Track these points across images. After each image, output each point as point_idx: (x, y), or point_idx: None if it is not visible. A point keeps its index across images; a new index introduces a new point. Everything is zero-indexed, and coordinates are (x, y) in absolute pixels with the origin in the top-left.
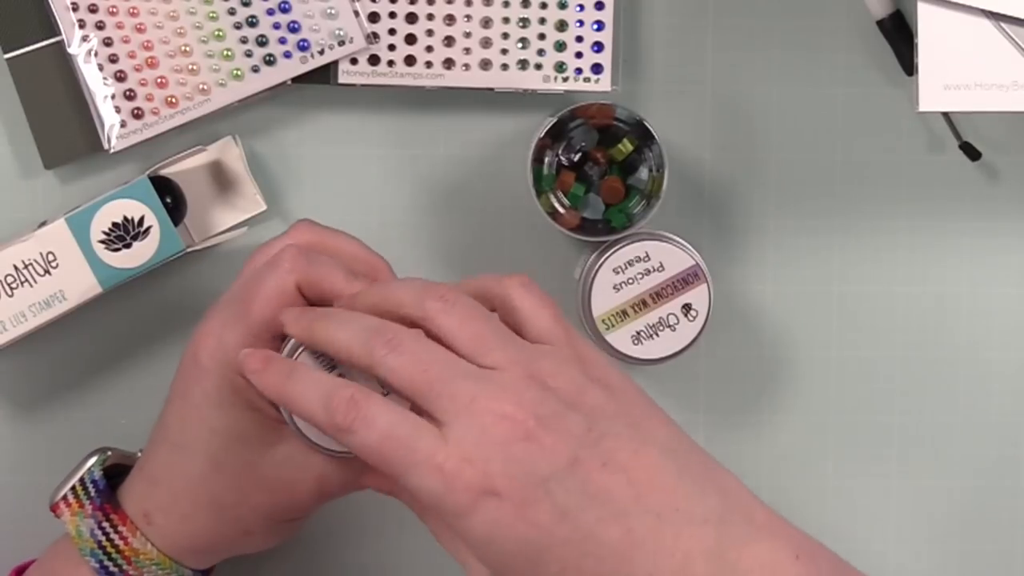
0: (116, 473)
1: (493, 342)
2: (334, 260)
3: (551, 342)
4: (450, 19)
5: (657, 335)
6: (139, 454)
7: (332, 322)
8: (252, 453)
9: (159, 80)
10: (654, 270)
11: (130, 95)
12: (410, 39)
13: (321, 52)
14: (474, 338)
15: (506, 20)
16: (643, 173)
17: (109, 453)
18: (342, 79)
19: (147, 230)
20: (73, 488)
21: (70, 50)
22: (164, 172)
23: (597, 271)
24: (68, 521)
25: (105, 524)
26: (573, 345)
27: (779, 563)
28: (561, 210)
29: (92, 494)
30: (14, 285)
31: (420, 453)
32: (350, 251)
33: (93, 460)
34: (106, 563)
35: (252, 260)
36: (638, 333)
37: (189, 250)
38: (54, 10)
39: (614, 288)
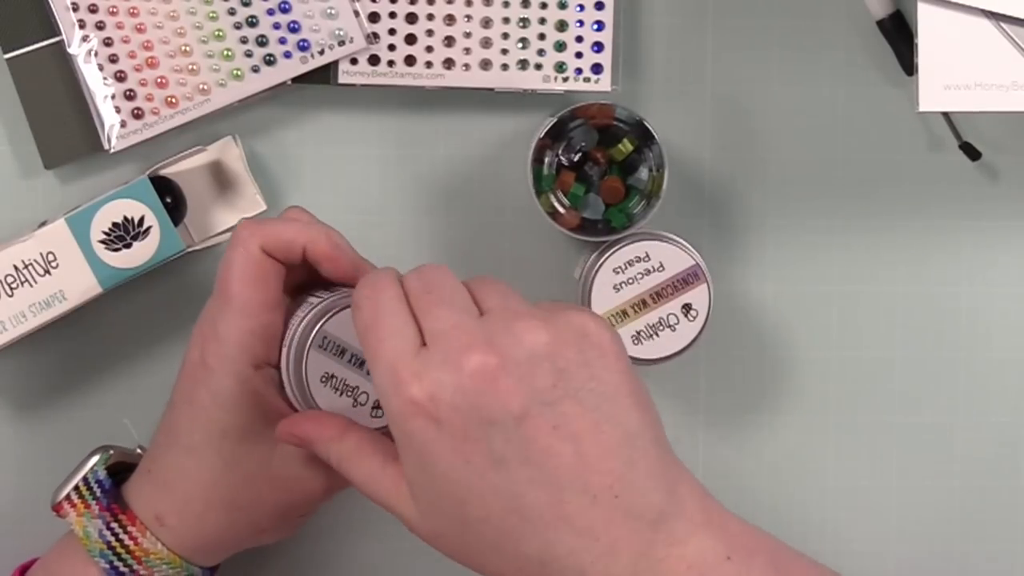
0: (117, 471)
1: (489, 294)
2: (281, 218)
3: (558, 302)
4: (450, 19)
5: (657, 335)
6: (139, 451)
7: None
8: (263, 452)
9: (159, 80)
10: (654, 270)
11: (130, 95)
12: (410, 39)
13: (321, 52)
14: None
15: (506, 20)
16: (643, 173)
17: (111, 452)
18: (342, 79)
19: (147, 230)
20: (77, 488)
21: (70, 50)
22: (164, 172)
23: (597, 271)
24: (74, 522)
25: (114, 525)
26: (578, 307)
27: (707, 563)
28: (561, 210)
29: (98, 494)
30: (14, 285)
31: (387, 351)
32: (299, 216)
33: (95, 459)
34: (116, 564)
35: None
36: (638, 333)
37: (189, 250)
38: (54, 10)
39: (614, 288)
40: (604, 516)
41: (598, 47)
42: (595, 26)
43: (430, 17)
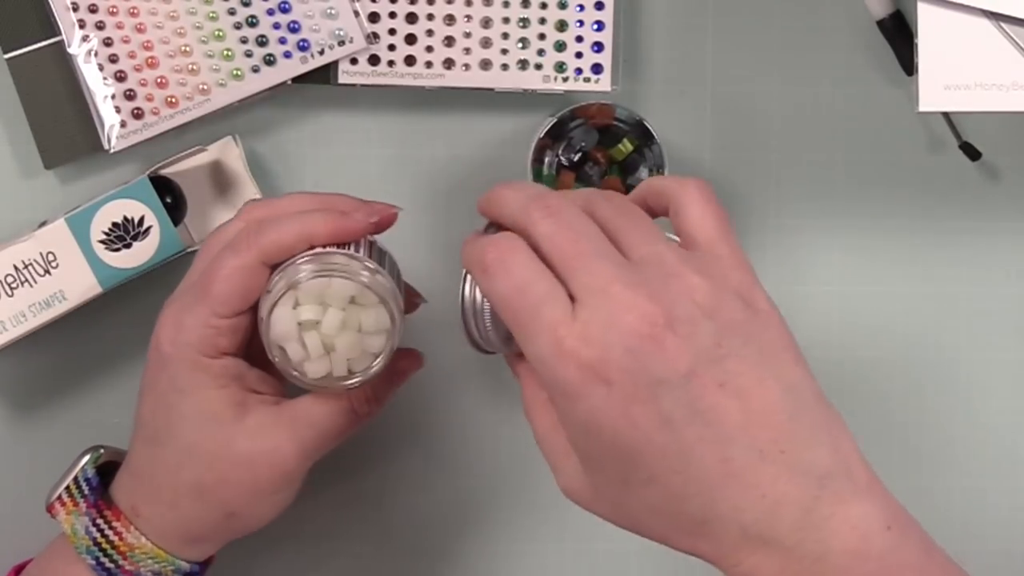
0: (110, 471)
1: (630, 232)
2: (283, 217)
3: (710, 252)
4: (450, 19)
5: None
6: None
7: (506, 187)
8: (224, 431)
9: (159, 80)
10: None
11: (130, 95)
12: (410, 39)
13: (321, 52)
14: (574, 250)
15: (506, 20)
16: (643, 173)
17: (102, 451)
18: (342, 79)
19: (147, 230)
20: (67, 488)
21: (70, 50)
22: (164, 172)
23: None
24: (63, 520)
25: (100, 521)
26: (732, 259)
27: (870, 530)
28: None
29: (85, 492)
30: (14, 285)
31: (544, 319)
32: (302, 207)
33: (86, 459)
34: (102, 559)
35: (207, 247)
36: None
37: (189, 250)
38: (54, 10)
39: None
40: (771, 472)
41: (598, 47)
42: (595, 26)
43: (430, 17)
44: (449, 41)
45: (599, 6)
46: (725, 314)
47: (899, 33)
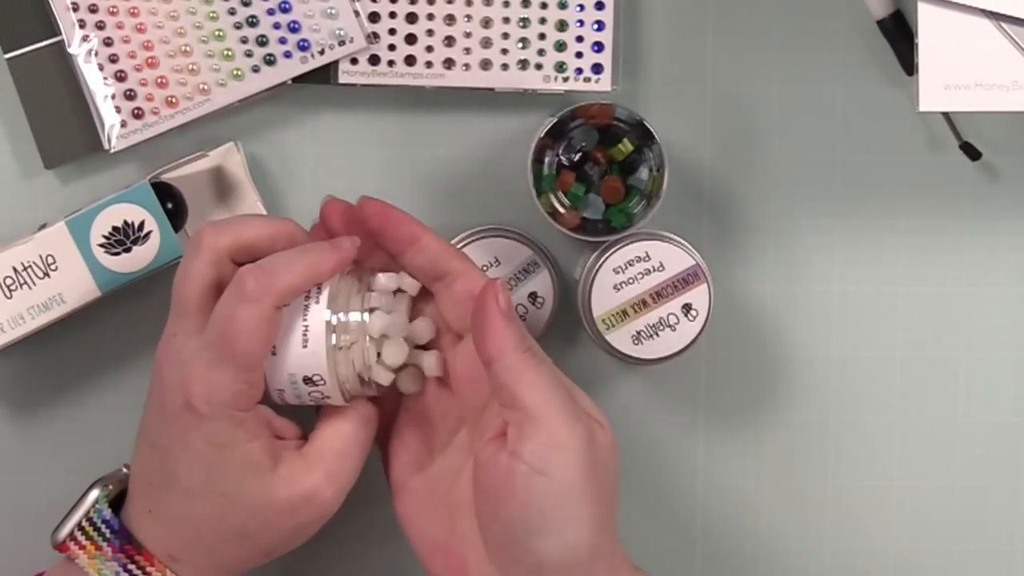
0: (118, 499)
1: None
2: (286, 258)
3: None
4: (450, 19)
5: (657, 335)
6: (124, 470)
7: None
8: (263, 481)
9: (159, 80)
10: (654, 270)
11: (130, 95)
12: (410, 39)
13: (321, 52)
14: None
15: (506, 20)
16: (643, 173)
17: (110, 486)
18: (342, 79)
19: (147, 235)
20: (82, 527)
21: (70, 50)
22: (166, 177)
23: (597, 271)
24: (87, 565)
25: (132, 567)
26: None
27: None
28: (561, 210)
29: (108, 535)
30: (13, 287)
31: None
32: (262, 229)
33: (95, 495)
34: None
35: (184, 276)
36: (638, 333)
37: None
38: (54, 10)
39: (614, 288)
40: None
41: (598, 47)
42: (595, 26)
43: (430, 17)
44: (449, 41)
45: (599, 6)
46: None
47: (899, 33)
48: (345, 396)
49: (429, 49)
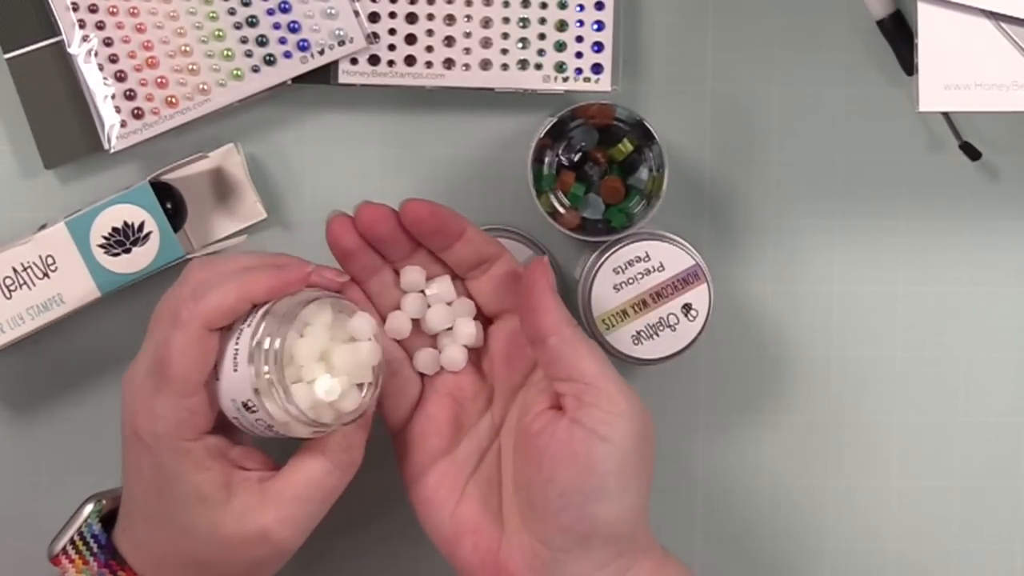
0: (112, 517)
1: None
2: (221, 279)
3: None
4: (450, 19)
5: (657, 335)
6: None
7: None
8: (214, 514)
9: (159, 80)
10: (654, 270)
11: (130, 95)
12: (410, 39)
13: (321, 52)
14: None
15: (506, 20)
16: (643, 173)
17: (103, 502)
18: (342, 79)
19: (147, 236)
20: (73, 542)
21: (70, 50)
22: (166, 178)
23: (597, 271)
24: None
25: None
26: None
27: None
28: (561, 210)
29: (95, 550)
30: (12, 287)
31: None
32: (246, 265)
33: (88, 510)
34: None
35: (157, 314)
36: (638, 333)
37: (189, 257)
38: (54, 10)
39: (614, 288)
40: None
41: (598, 47)
42: (595, 26)
43: (430, 17)
44: (449, 41)
45: (599, 6)
46: None
47: (899, 33)
48: (309, 426)
49: (429, 49)
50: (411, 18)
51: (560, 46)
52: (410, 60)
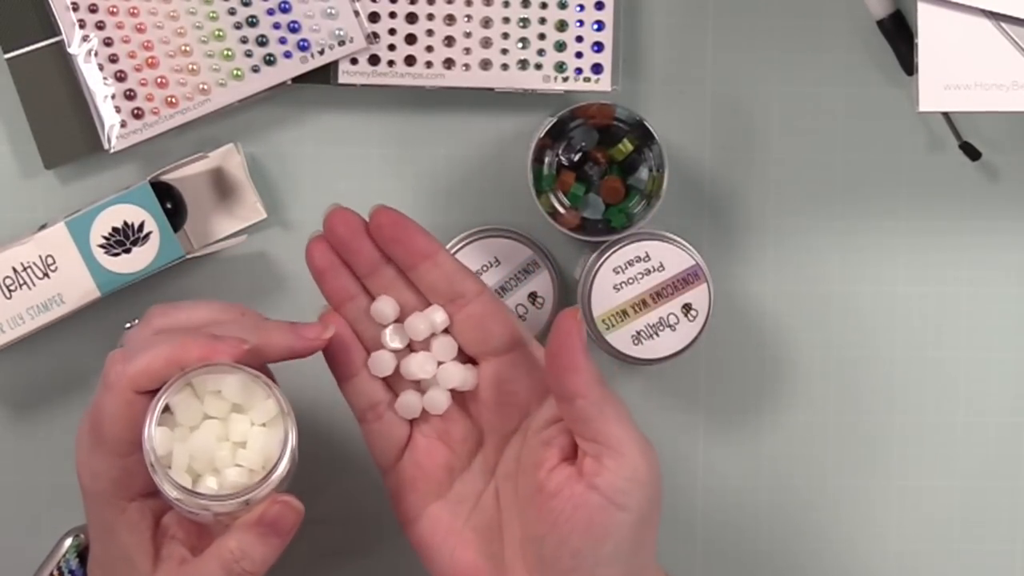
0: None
1: None
2: (159, 341)
3: None
4: (450, 19)
5: (657, 335)
6: None
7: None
8: (162, 572)
9: (159, 80)
10: (654, 270)
11: (130, 95)
12: (410, 39)
13: (321, 52)
14: None
15: (506, 20)
16: (643, 173)
17: (82, 536)
18: (342, 79)
19: (147, 236)
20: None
21: (70, 50)
22: (166, 178)
23: (597, 271)
24: None
25: None
26: None
27: None
28: (561, 210)
29: None
30: (12, 287)
31: None
32: (204, 315)
33: (67, 545)
34: None
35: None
36: (638, 333)
37: (188, 257)
38: (54, 10)
39: (614, 288)
40: None
41: (598, 47)
42: (595, 26)
43: (430, 17)
44: (449, 41)
45: (599, 6)
46: None
47: (899, 33)
48: (204, 511)
49: (429, 49)
50: (411, 18)
51: (560, 46)
52: (410, 60)
